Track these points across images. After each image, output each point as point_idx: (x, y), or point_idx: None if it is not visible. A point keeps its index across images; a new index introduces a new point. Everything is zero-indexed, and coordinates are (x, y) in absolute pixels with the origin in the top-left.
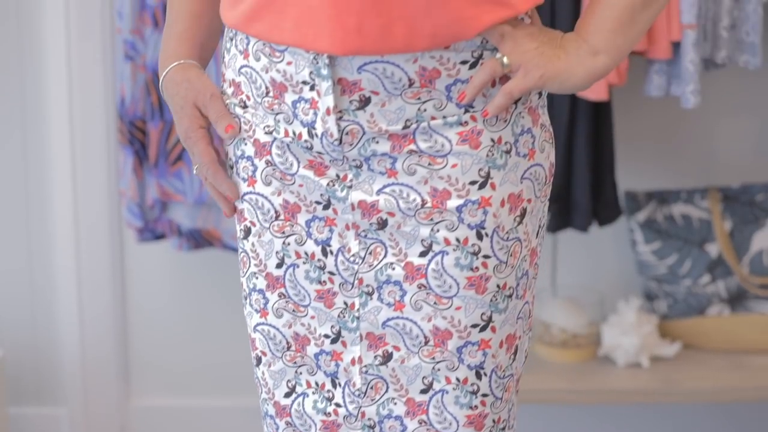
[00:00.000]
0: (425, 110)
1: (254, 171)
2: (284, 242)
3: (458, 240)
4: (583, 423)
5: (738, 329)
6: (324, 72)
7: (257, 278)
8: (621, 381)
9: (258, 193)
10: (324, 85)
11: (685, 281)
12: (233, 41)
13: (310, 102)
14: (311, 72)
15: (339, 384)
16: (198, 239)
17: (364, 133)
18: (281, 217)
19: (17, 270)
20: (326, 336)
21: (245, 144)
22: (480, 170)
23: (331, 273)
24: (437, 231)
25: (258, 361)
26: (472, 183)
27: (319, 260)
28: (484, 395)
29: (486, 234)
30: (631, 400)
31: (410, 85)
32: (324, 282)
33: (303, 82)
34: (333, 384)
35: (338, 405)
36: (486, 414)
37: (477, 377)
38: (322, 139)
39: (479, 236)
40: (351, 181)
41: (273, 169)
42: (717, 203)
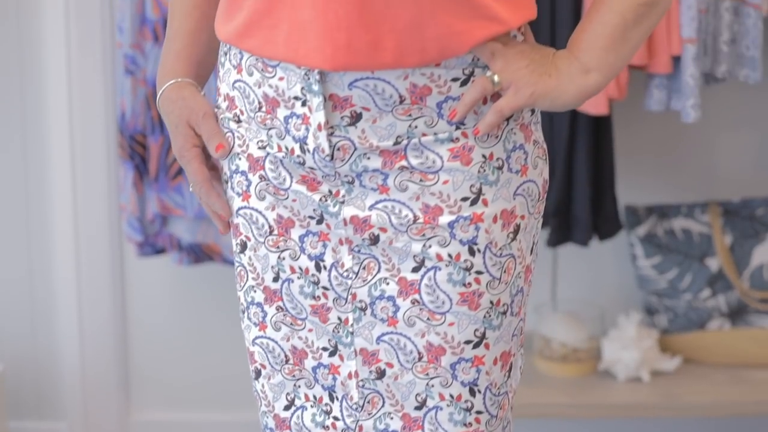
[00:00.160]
0: (416, 127)
1: (248, 186)
2: (279, 257)
3: (450, 256)
4: None
5: (738, 343)
6: (315, 88)
7: (255, 291)
8: (621, 395)
9: (252, 208)
10: (315, 101)
11: (686, 295)
12: (227, 56)
13: (302, 118)
14: (303, 88)
15: (336, 398)
16: (198, 253)
17: (356, 149)
18: (275, 232)
19: (17, 284)
20: (324, 349)
21: (239, 159)
22: (471, 186)
23: (325, 288)
24: (429, 247)
25: (257, 374)
26: (464, 199)
27: (313, 275)
28: (479, 412)
29: (478, 250)
30: (632, 415)
31: (401, 102)
32: (318, 297)
33: (295, 98)
34: (331, 397)
35: (336, 418)
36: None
37: (471, 394)
38: (314, 155)
39: (471, 252)
40: (343, 197)
41: (267, 184)
42: (717, 217)
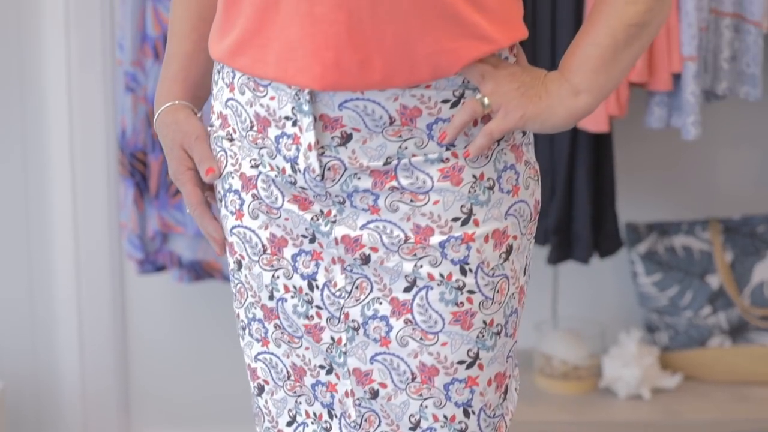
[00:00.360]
0: (406, 148)
1: (241, 205)
2: (273, 275)
3: (442, 275)
4: None
5: (739, 361)
6: (305, 108)
7: (255, 308)
8: (622, 413)
9: (246, 227)
10: (305, 121)
11: (686, 313)
12: (220, 74)
13: (293, 137)
14: (293, 108)
15: (335, 415)
16: (198, 271)
17: (346, 169)
18: (269, 251)
19: (18, 301)
20: (321, 367)
21: (232, 178)
22: (462, 207)
23: (319, 307)
24: (420, 267)
25: (260, 390)
26: (455, 219)
27: (307, 294)
28: None
29: (470, 270)
30: None
31: (391, 123)
32: (311, 317)
33: (286, 118)
34: (330, 415)
35: None
36: None
37: (465, 415)
38: (305, 175)
39: (463, 272)
40: (335, 217)
41: (259, 203)
42: (718, 235)
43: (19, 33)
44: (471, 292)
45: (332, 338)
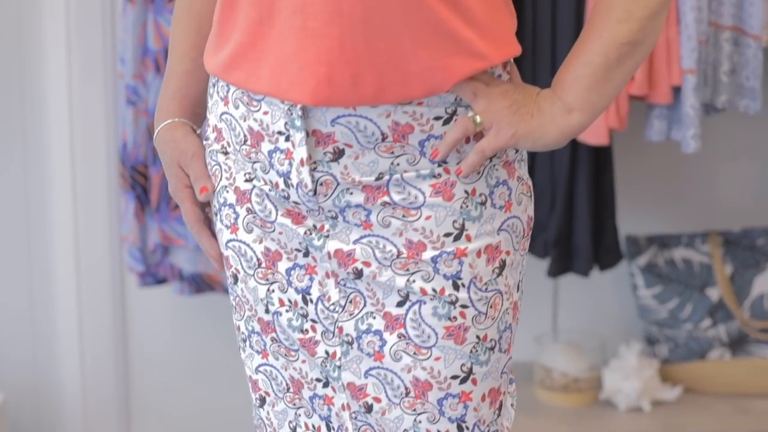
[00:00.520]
0: (398, 164)
1: (236, 218)
2: (268, 289)
3: (435, 290)
4: None
5: (739, 373)
6: (298, 123)
7: (253, 321)
8: (622, 425)
9: (241, 241)
10: (298, 136)
11: (686, 325)
12: (215, 87)
13: (286, 152)
14: (286, 123)
15: (333, 428)
16: (199, 283)
17: (338, 184)
18: (263, 265)
19: (19, 313)
20: (318, 380)
21: (227, 192)
22: (454, 222)
23: (314, 321)
24: (413, 281)
25: (262, 402)
26: (447, 235)
27: (302, 308)
28: None
29: (463, 284)
30: None
31: (383, 140)
32: (306, 331)
33: (278, 132)
34: (328, 428)
35: None
36: None
37: (459, 430)
38: (298, 190)
39: (456, 287)
40: (328, 231)
41: (254, 217)
42: (718, 247)
43: (21, 46)
44: (464, 307)
45: (327, 352)
